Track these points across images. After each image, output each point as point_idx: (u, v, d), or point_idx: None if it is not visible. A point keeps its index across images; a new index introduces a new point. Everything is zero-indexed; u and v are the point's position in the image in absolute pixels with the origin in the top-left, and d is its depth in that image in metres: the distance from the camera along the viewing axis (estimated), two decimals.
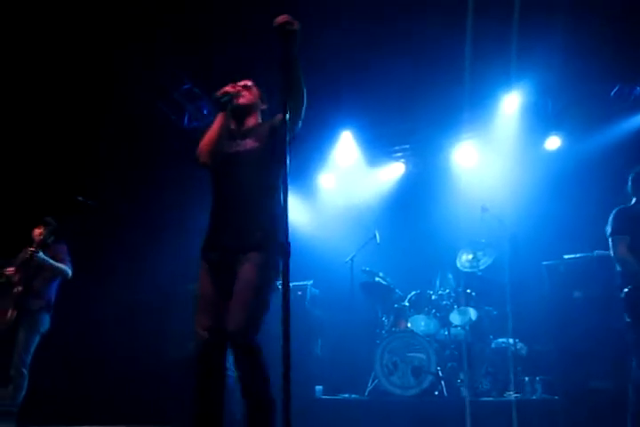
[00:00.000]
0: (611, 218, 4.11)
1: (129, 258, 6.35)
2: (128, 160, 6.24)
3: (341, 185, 7.53)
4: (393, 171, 7.42)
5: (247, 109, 2.86)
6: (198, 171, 7.20)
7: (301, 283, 6.02)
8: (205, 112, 7.02)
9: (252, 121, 2.87)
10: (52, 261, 4.57)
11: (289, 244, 2.17)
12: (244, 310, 2.44)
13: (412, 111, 6.81)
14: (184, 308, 5.94)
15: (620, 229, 4.00)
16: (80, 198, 4.71)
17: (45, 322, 4.61)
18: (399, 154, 7.40)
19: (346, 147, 7.28)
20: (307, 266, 6.53)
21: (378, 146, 7.33)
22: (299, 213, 7.52)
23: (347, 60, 5.94)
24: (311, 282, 6.23)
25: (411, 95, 6.46)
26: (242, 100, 2.82)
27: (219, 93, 2.76)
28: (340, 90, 6.28)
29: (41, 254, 4.47)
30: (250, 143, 2.74)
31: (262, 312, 2.51)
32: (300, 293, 5.94)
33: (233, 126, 2.84)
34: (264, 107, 2.97)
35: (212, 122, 2.83)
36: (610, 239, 4.03)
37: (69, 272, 4.70)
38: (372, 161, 7.34)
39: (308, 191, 7.51)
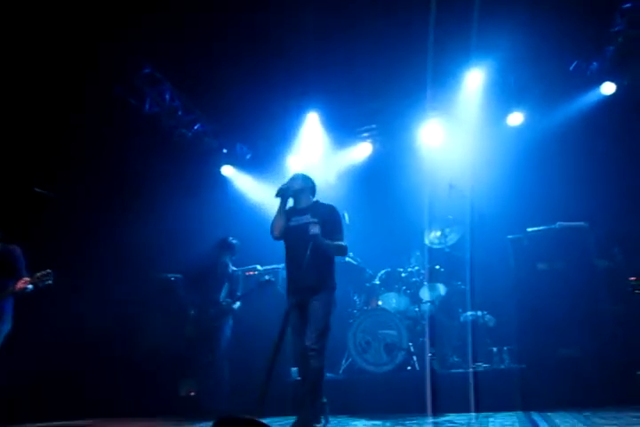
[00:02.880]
0: None
1: (97, 249, 6.24)
2: (85, 149, 6.08)
3: (310, 167, 7.50)
4: (361, 151, 7.43)
5: (299, 192, 4.09)
6: (163, 161, 7.01)
7: (272, 267, 6.03)
8: (167, 97, 6.88)
9: (305, 200, 4.11)
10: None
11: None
12: (314, 331, 3.77)
13: (377, 91, 6.80)
14: (159, 298, 5.94)
15: None
16: (38, 190, 4.54)
17: (9, 322, 4.50)
18: (366, 134, 7.41)
19: (312, 128, 7.26)
20: (277, 250, 6.56)
21: (345, 126, 7.33)
22: (268, 195, 7.49)
23: (312, 42, 5.90)
24: (282, 265, 6.23)
25: (376, 75, 6.46)
26: (295, 188, 4.07)
27: (276, 192, 4.02)
28: (305, 72, 6.25)
29: None
30: (309, 218, 3.89)
31: (328, 331, 3.85)
32: (271, 277, 5.95)
33: (293, 205, 4.12)
34: (310, 187, 4.18)
35: None
36: None
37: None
38: (339, 141, 7.34)
39: (277, 174, 7.48)
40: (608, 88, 6.25)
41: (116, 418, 5.34)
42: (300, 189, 4.07)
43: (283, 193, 3.99)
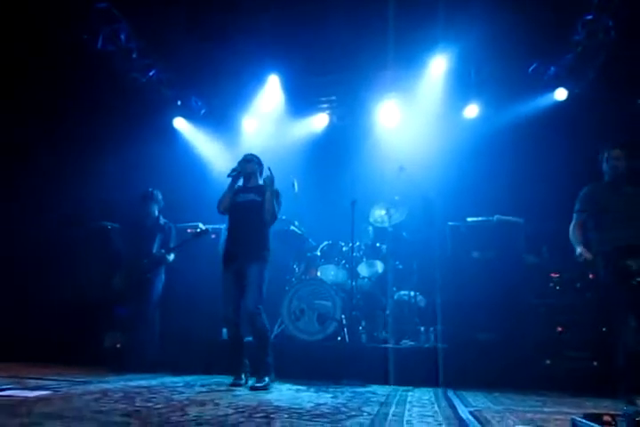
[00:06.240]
0: None
1: (34, 196, 5.89)
2: (33, 86, 5.63)
3: (264, 131, 7.40)
4: (317, 121, 7.39)
5: (249, 174, 4.58)
6: (112, 105, 6.62)
7: (216, 226, 5.95)
8: (123, 37, 6.46)
9: (254, 180, 4.61)
10: None
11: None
12: (255, 296, 4.21)
13: (342, 64, 6.76)
14: (93, 246, 5.71)
15: None
16: None
17: None
18: (325, 105, 7.37)
19: (272, 92, 7.11)
20: None
21: (305, 94, 7.24)
22: (218, 154, 7.33)
23: (280, 6, 5.77)
24: (225, 226, 6.17)
25: (342, 48, 6.41)
26: (247, 171, 4.55)
27: (230, 171, 4.47)
28: (270, 34, 6.11)
29: None
30: (253, 196, 4.46)
31: (262, 295, 4.27)
32: (213, 236, 5.89)
33: (243, 183, 4.58)
34: (261, 168, 4.65)
35: None
36: None
37: None
38: (297, 109, 7.26)
39: (230, 134, 7.32)
40: (561, 94, 6.56)
41: (34, 363, 5.16)
42: (252, 171, 4.59)
43: (236, 174, 4.47)
